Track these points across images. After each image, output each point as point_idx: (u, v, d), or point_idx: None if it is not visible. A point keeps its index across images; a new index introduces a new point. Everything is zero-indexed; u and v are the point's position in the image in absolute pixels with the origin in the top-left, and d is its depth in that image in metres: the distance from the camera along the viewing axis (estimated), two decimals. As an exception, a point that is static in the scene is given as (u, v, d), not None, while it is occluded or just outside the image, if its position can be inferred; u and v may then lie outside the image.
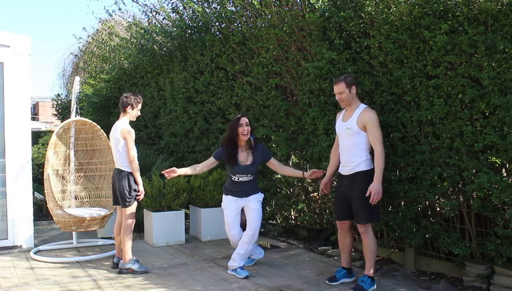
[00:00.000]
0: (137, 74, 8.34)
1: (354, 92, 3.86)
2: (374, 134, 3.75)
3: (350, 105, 3.89)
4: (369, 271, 3.82)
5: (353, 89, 3.86)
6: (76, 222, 5.01)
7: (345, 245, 4.08)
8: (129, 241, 4.43)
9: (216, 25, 6.10)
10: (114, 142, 4.59)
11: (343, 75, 3.94)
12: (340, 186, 3.99)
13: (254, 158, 4.46)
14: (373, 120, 3.76)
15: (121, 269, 4.40)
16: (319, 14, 4.46)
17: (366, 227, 3.81)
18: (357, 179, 3.80)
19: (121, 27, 10.08)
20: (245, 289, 3.92)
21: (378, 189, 3.67)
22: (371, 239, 3.82)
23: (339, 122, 4.00)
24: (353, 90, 3.86)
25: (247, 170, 4.43)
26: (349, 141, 3.86)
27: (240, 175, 4.43)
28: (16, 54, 5.50)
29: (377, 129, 3.76)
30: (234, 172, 4.44)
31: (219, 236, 5.77)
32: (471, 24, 3.47)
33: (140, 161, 7.00)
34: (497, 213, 3.58)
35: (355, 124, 3.80)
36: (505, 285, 3.57)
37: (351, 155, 3.86)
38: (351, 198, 3.85)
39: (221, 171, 5.96)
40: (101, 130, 5.68)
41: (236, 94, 5.93)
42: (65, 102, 13.28)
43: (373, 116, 3.77)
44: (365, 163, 3.81)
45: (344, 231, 4.05)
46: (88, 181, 5.78)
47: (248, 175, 4.43)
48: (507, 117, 3.32)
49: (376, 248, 3.91)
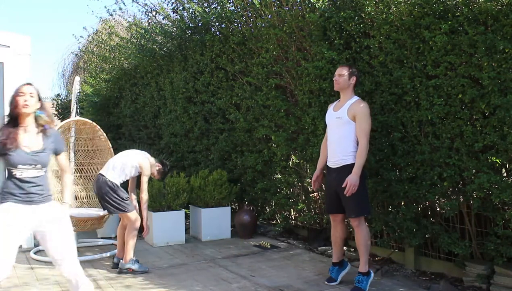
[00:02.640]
0: (137, 74, 8.34)
1: (352, 83, 3.87)
2: (362, 127, 3.73)
3: (343, 92, 3.90)
4: (363, 267, 3.79)
5: (352, 79, 3.87)
6: (74, 222, 5.01)
7: (337, 238, 4.06)
8: (132, 240, 4.43)
9: (216, 25, 6.10)
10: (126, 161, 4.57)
11: (351, 64, 3.98)
12: (329, 180, 3.97)
13: (45, 144, 2.89)
14: (363, 112, 3.75)
15: (121, 269, 4.40)
16: (319, 14, 4.46)
17: (359, 220, 3.79)
18: (345, 173, 3.73)
19: (121, 27, 10.07)
20: (245, 289, 3.92)
21: (354, 181, 3.64)
22: (364, 232, 3.80)
23: (329, 112, 4.00)
24: (352, 80, 3.87)
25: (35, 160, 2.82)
26: (338, 132, 3.84)
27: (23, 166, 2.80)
28: (16, 54, 5.49)
29: (366, 122, 3.74)
30: (14, 163, 2.79)
31: (219, 236, 5.78)
32: (471, 24, 3.47)
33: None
34: (497, 213, 3.58)
35: (345, 114, 3.79)
36: (505, 285, 3.56)
37: (339, 145, 3.83)
38: (341, 192, 3.79)
39: (221, 171, 5.96)
40: (101, 131, 5.68)
41: (236, 94, 5.93)
42: (65, 102, 13.28)
43: (364, 108, 3.76)
44: (353, 155, 3.76)
45: (336, 223, 4.04)
46: (88, 181, 5.78)
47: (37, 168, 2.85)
48: (507, 117, 3.32)
49: (369, 241, 3.88)
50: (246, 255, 5.00)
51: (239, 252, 5.14)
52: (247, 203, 6.41)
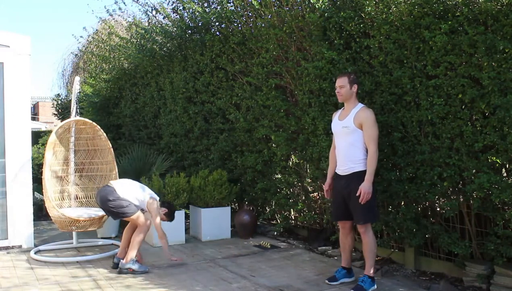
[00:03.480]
0: (137, 74, 8.34)
1: (354, 91, 3.88)
2: (369, 134, 3.75)
3: (347, 102, 3.90)
4: (369, 271, 3.82)
5: (354, 87, 3.87)
6: (72, 222, 5.02)
7: (346, 245, 4.08)
8: (138, 242, 4.43)
9: (216, 25, 6.10)
10: (138, 192, 4.58)
11: (349, 72, 3.96)
12: (338, 187, 3.98)
13: None
14: (370, 119, 3.77)
15: (121, 269, 4.40)
16: (319, 14, 4.46)
17: (366, 227, 3.81)
18: (354, 179, 3.79)
19: (121, 27, 10.08)
20: (245, 289, 3.92)
21: (368, 189, 3.67)
22: (371, 238, 3.82)
23: (335, 121, 4.01)
24: (354, 89, 3.87)
25: None
26: (346, 140, 3.86)
27: None
28: (16, 54, 5.49)
29: (373, 128, 3.76)
30: None
31: (219, 236, 5.78)
32: (471, 24, 3.47)
33: (140, 161, 7.07)
34: (497, 213, 3.58)
35: (352, 123, 3.81)
36: (505, 285, 3.57)
37: (347, 154, 3.85)
38: (349, 199, 3.84)
39: (221, 171, 5.97)
40: (101, 131, 5.68)
41: (236, 94, 5.93)
42: (65, 102, 13.28)
43: (370, 115, 3.78)
44: (362, 163, 3.80)
45: (346, 231, 4.05)
46: (89, 181, 5.78)
47: None
48: (507, 117, 3.32)
49: (376, 248, 3.91)
50: (246, 255, 5.00)
51: (239, 252, 5.14)
52: (247, 203, 6.42)
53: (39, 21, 34.95)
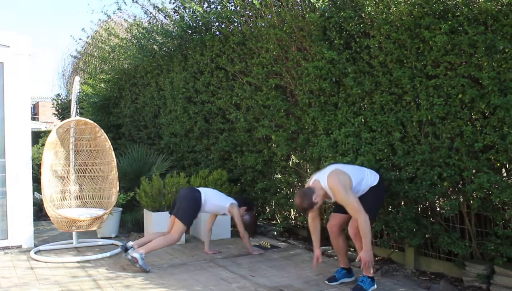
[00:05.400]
0: (137, 74, 8.34)
1: (317, 200, 3.72)
2: (346, 203, 3.66)
3: (326, 193, 3.78)
4: (369, 271, 3.82)
5: (316, 197, 3.71)
6: (69, 222, 5.02)
7: (339, 248, 4.07)
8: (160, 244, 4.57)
9: (216, 25, 6.10)
10: (218, 194, 5.11)
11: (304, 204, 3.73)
12: None
13: None
14: (336, 189, 3.65)
15: (128, 253, 4.45)
16: (319, 14, 4.46)
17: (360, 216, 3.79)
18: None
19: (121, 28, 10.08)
20: (245, 289, 3.92)
21: (368, 257, 3.64)
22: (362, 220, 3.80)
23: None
24: (316, 199, 3.71)
25: None
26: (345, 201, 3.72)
27: None
28: (16, 54, 5.49)
29: (344, 194, 3.62)
30: None
31: (219, 236, 5.77)
32: (471, 24, 3.48)
33: (140, 161, 7.07)
34: (497, 213, 3.59)
35: (333, 197, 3.76)
36: (505, 285, 3.57)
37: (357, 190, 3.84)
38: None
39: (221, 170, 5.97)
40: (101, 131, 5.67)
41: (236, 94, 5.93)
42: (65, 102, 13.29)
43: (332, 183, 3.66)
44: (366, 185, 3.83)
45: (334, 233, 4.04)
46: (91, 181, 5.78)
47: None
48: (507, 117, 3.32)
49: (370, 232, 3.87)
50: (246, 255, 5.00)
51: (239, 252, 5.14)
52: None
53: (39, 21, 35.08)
